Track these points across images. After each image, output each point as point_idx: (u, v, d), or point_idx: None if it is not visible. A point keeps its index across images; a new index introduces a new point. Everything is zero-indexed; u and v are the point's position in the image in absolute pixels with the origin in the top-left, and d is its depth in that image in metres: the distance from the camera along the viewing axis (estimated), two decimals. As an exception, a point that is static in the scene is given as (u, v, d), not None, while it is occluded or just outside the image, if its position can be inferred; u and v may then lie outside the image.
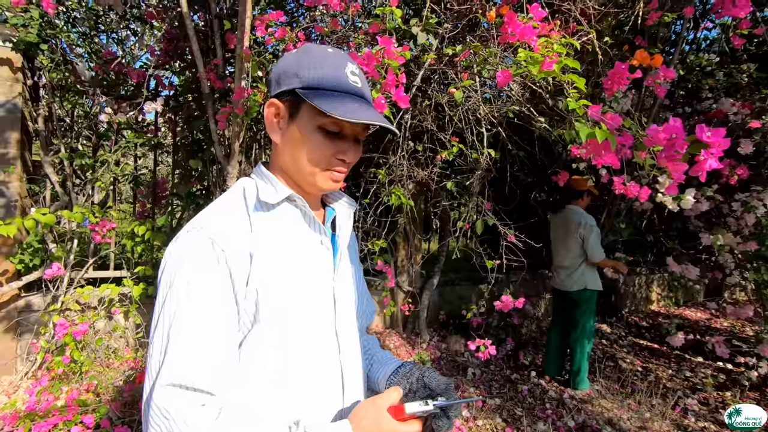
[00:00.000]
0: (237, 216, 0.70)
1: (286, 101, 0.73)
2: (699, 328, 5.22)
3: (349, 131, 0.73)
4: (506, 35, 1.63)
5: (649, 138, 1.28)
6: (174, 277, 0.64)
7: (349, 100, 0.70)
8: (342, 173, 0.75)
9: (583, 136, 1.28)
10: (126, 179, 3.28)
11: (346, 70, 0.72)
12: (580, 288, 3.11)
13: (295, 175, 0.76)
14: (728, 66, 3.71)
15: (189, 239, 0.66)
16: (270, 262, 0.69)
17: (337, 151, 0.72)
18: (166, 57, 3.30)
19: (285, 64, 0.74)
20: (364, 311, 0.91)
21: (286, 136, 0.74)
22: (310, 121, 0.70)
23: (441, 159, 2.56)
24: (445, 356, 3.76)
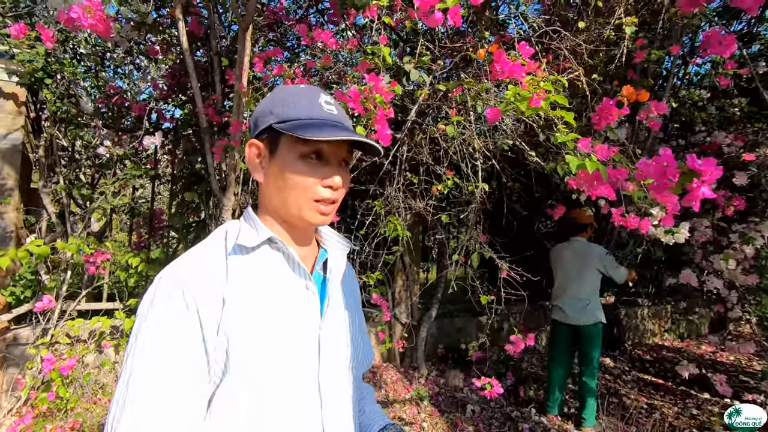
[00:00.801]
0: (213, 261, 0.69)
1: (265, 139, 0.73)
2: (704, 362, 5.08)
3: (332, 156, 0.72)
4: (495, 73, 1.67)
5: (639, 171, 1.28)
6: (141, 324, 0.63)
7: (326, 126, 0.69)
8: (330, 205, 0.73)
9: (574, 168, 1.28)
10: (123, 210, 3.29)
11: (320, 100, 0.73)
12: (594, 321, 3.05)
13: (283, 212, 0.74)
14: (720, 100, 3.79)
15: (160, 286, 0.65)
16: (243, 309, 0.66)
17: (322, 178, 0.71)
18: (170, 91, 3.39)
19: (261, 106, 0.75)
20: (361, 361, 0.86)
21: (269, 173, 0.73)
22: (289, 152, 0.70)
23: (436, 191, 2.58)
24: (443, 392, 3.65)
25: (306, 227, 0.77)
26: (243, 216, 0.79)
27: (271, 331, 0.68)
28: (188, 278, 0.64)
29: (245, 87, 2.16)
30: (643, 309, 5.75)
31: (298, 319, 0.72)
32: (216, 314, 0.64)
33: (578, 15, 2.76)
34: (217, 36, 2.70)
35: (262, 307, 0.68)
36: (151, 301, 0.64)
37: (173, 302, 0.62)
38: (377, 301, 2.83)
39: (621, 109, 1.49)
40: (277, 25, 3.15)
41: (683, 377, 4.43)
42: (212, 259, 0.69)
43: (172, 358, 0.60)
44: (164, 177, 3.69)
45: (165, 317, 0.62)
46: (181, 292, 0.63)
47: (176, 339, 0.61)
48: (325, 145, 0.70)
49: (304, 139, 0.68)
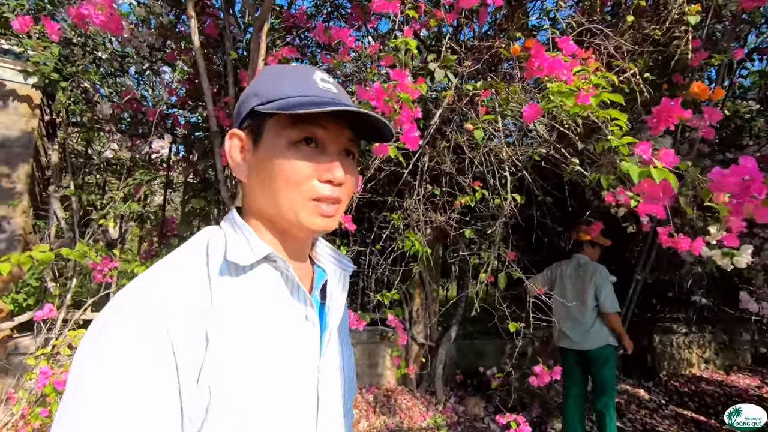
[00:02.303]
0: (193, 282, 0.51)
1: (248, 127, 0.58)
2: (749, 397, 4.64)
3: (330, 143, 0.56)
4: (533, 70, 1.47)
5: (714, 183, 1.06)
6: (88, 368, 0.43)
7: (317, 102, 0.53)
8: (333, 204, 0.57)
9: (636, 177, 1.06)
10: (132, 217, 3.19)
11: (314, 77, 0.58)
12: (601, 345, 2.76)
13: (274, 217, 0.57)
14: (769, 112, 3.50)
15: (120, 315, 0.45)
16: (232, 351, 0.49)
17: (317, 170, 0.55)
18: (187, 97, 3.32)
19: (245, 92, 0.60)
20: (350, 396, 0.70)
21: (253, 169, 0.57)
22: (276, 138, 0.55)
23: (460, 204, 2.37)
24: (462, 421, 3.38)
25: (304, 236, 0.61)
26: (226, 222, 0.60)
27: (264, 382, 0.51)
28: (162, 307, 0.46)
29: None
30: (679, 336, 5.34)
31: (296, 362, 0.55)
32: (197, 357, 0.47)
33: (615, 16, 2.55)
34: (231, 38, 2.60)
35: (255, 349, 0.51)
36: (104, 337, 0.44)
37: (140, 340, 0.44)
38: (393, 323, 2.62)
39: (686, 111, 1.27)
40: (295, 29, 3.04)
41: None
42: (192, 280, 0.51)
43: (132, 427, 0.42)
44: (177, 184, 3.60)
45: (126, 362, 0.43)
46: (151, 326, 0.45)
47: (141, 397, 0.43)
48: (320, 128, 0.55)
49: (294, 121, 0.54)
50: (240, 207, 0.64)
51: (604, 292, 2.73)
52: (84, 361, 0.44)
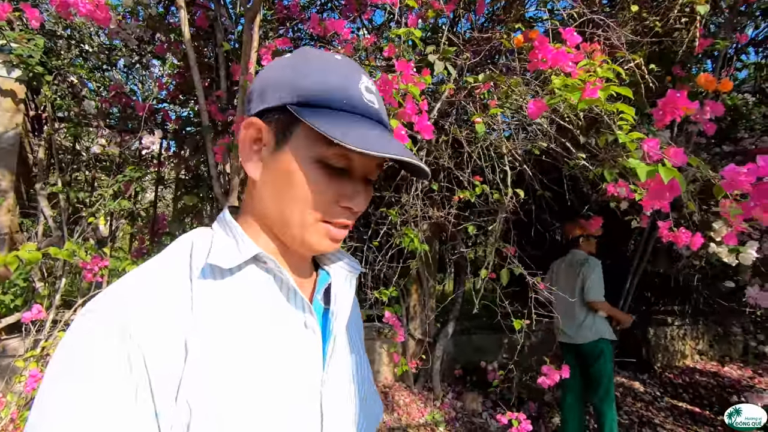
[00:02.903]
0: (171, 288, 0.46)
1: (272, 122, 0.51)
2: (742, 388, 4.70)
3: (359, 168, 0.52)
4: (536, 62, 1.43)
5: (727, 182, 1.02)
6: (54, 387, 0.39)
7: (365, 124, 0.49)
8: (344, 229, 0.53)
9: (643, 175, 1.03)
10: (123, 215, 3.11)
11: (360, 85, 0.51)
12: (594, 339, 2.73)
13: (277, 226, 0.53)
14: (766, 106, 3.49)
15: (88, 326, 0.41)
16: (214, 362, 0.44)
17: (340, 196, 0.51)
18: (178, 91, 3.23)
19: (274, 73, 0.52)
20: (371, 418, 0.62)
21: (268, 170, 0.52)
22: (306, 150, 0.49)
23: (458, 199, 2.33)
24: (460, 416, 3.37)
25: (304, 253, 0.56)
26: (217, 223, 0.55)
27: (254, 398, 0.45)
28: (133, 316, 0.42)
29: (252, 78, 1.96)
30: (672, 329, 5.38)
31: (294, 374, 0.50)
32: (175, 371, 0.42)
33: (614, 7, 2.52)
34: (223, 29, 2.52)
35: (242, 360, 0.46)
36: (71, 352, 0.41)
37: (108, 354, 0.40)
38: (390, 320, 2.58)
39: (693, 102, 1.24)
40: (288, 20, 2.97)
41: (723, 406, 4.08)
42: (170, 285, 0.46)
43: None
44: (168, 180, 3.52)
45: (93, 380, 0.39)
46: (120, 338, 0.40)
47: (108, 420, 0.38)
48: (357, 156, 0.50)
49: (330, 142, 0.47)
50: (234, 205, 0.58)
51: (589, 281, 2.70)
52: (50, 377, 0.40)
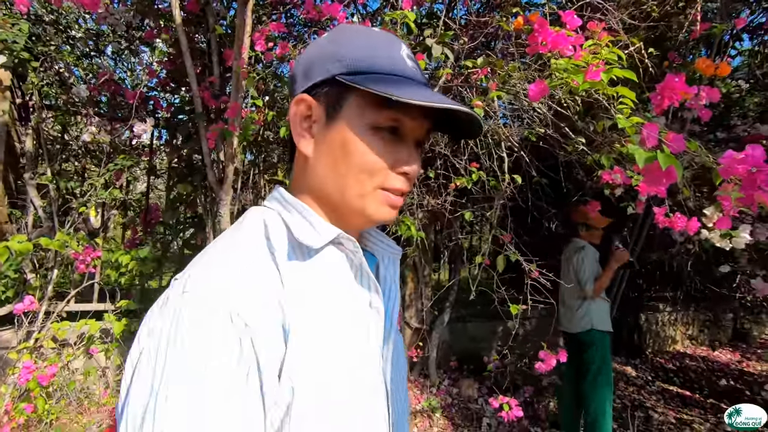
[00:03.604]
0: (262, 270, 0.47)
1: (321, 96, 0.52)
2: (731, 372, 4.80)
3: (410, 133, 0.53)
4: (536, 45, 1.41)
5: (724, 168, 1.02)
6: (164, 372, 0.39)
7: (413, 85, 0.50)
8: (402, 195, 0.54)
9: (641, 161, 1.03)
10: (115, 205, 3.07)
11: (402, 52, 0.53)
12: (585, 328, 2.72)
13: (335, 200, 0.53)
14: (759, 92, 3.51)
15: (192, 311, 0.41)
16: (310, 343, 0.46)
17: (396, 161, 0.52)
18: (169, 78, 3.16)
19: (316, 50, 0.54)
20: (406, 390, 0.66)
21: (322, 144, 0.52)
22: (359, 119, 0.50)
23: (455, 187, 2.32)
24: (456, 403, 3.41)
25: (364, 225, 0.57)
26: (275, 200, 0.55)
27: (344, 373, 0.49)
28: (238, 301, 0.42)
29: (245, 65, 1.92)
30: (663, 315, 5.46)
31: (367, 351, 0.53)
32: (279, 352, 0.44)
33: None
34: (215, 14, 2.47)
35: (332, 339, 0.49)
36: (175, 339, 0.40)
37: (222, 341, 0.40)
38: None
39: (691, 87, 1.23)
40: (282, 4, 2.91)
41: (712, 389, 4.16)
42: (260, 267, 0.47)
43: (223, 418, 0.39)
44: (161, 170, 3.47)
45: (209, 362, 0.39)
46: (230, 324, 0.41)
47: (227, 400, 0.39)
48: (408, 116, 0.50)
49: (382, 105, 0.49)
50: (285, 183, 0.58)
51: (580, 273, 2.69)
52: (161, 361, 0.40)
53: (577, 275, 2.69)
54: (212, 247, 0.49)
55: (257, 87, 2.20)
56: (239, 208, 3.04)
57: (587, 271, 2.66)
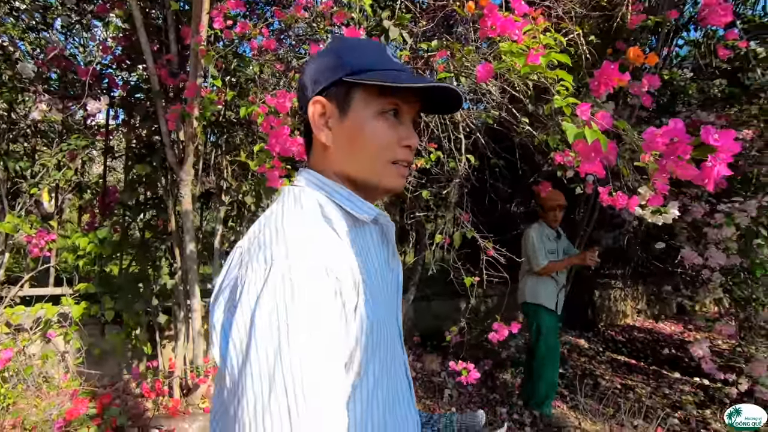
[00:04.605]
0: (333, 240, 0.60)
1: (332, 96, 0.64)
2: (673, 342, 5.21)
3: (407, 113, 0.66)
4: (486, 29, 1.48)
5: (646, 143, 1.13)
6: (288, 317, 0.50)
7: (403, 75, 0.63)
8: (408, 165, 0.68)
9: (571, 137, 1.13)
10: (69, 187, 2.97)
11: (387, 52, 0.67)
12: (521, 301, 2.99)
13: (358, 179, 0.66)
14: (701, 81, 3.74)
15: (301, 273, 0.52)
16: (371, 294, 0.60)
17: (400, 137, 0.65)
18: (124, 55, 3.04)
19: (319, 62, 0.67)
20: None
21: (339, 134, 0.65)
22: (366, 108, 0.63)
23: (416, 168, 2.39)
24: (420, 376, 3.56)
25: (380, 196, 0.72)
26: (317, 182, 0.66)
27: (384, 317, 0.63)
28: (328, 260, 0.55)
29: (203, 43, 1.90)
30: (615, 290, 5.82)
31: (392, 301, 0.70)
32: (353, 299, 0.57)
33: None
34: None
35: (379, 291, 0.64)
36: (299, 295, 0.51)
37: (326, 289, 0.53)
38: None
39: (624, 74, 1.34)
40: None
41: (655, 357, 4.52)
42: (333, 240, 0.60)
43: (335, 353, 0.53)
44: (118, 151, 3.37)
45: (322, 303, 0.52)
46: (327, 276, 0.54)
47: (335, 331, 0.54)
48: (402, 100, 0.64)
49: (383, 93, 0.63)
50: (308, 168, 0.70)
51: (527, 252, 2.87)
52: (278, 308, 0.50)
53: (526, 252, 2.88)
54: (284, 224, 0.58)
55: (217, 66, 2.17)
56: (201, 189, 3.00)
57: (530, 249, 2.84)
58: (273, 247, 0.54)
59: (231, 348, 0.51)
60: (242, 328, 0.51)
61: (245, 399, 0.48)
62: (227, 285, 0.56)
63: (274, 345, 0.48)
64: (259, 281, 0.51)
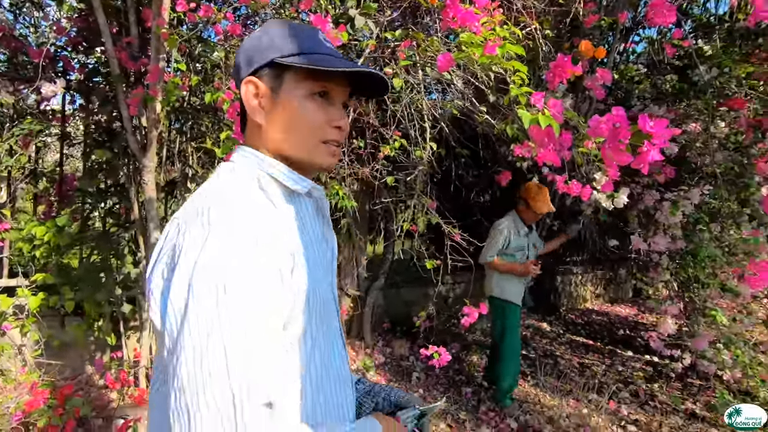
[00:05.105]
0: (269, 207, 0.64)
1: (264, 77, 0.67)
2: (628, 323, 5.53)
3: (337, 96, 0.70)
4: (448, 20, 1.53)
5: (591, 129, 1.22)
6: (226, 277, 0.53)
7: (333, 59, 0.67)
8: (339, 145, 0.71)
9: (526, 122, 1.20)
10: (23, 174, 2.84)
11: (319, 36, 0.70)
12: (488, 294, 2.94)
13: (292, 155, 0.69)
14: (654, 76, 3.95)
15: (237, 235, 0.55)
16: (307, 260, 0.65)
17: (330, 119, 0.68)
18: (80, 37, 2.91)
19: (253, 42, 0.69)
20: None
21: (272, 114, 0.68)
22: (296, 89, 0.66)
23: (383, 155, 2.44)
24: (389, 361, 3.64)
25: (313, 173, 0.74)
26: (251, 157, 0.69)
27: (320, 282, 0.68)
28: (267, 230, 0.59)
29: (166, 26, 1.86)
30: (576, 276, 6.11)
31: (326, 269, 0.73)
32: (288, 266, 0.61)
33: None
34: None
35: (314, 259, 0.68)
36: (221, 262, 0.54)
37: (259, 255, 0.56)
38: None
39: (576, 66, 1.43)
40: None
41: (611, 338, 4.80)
42: (267, 210, 0.64)
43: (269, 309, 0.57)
44: (76, 137, 3.24)
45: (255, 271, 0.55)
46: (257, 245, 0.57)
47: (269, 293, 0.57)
48: (333, 82, 0.67)
49: (313, 76, 0.65)
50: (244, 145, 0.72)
51: (488, 241, 2.81)
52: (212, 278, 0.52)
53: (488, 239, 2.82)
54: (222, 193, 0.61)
55: (180, 50, 2.13)
56: (166, 178, 2.94)
57: (491, 239, 2.79)
58: (210, 213, 0.56)
59: (170, 309, 0.53)
60: (181, 289, 0.53)
61: (184, 354, 0.50)
62: (165, 253, 0.58)
63: (211, 302, 0.51)
64: (197, 246, 0.54)
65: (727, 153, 3.25)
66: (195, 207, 0.59)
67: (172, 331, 0.53)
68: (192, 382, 0.49)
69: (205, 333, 0.50)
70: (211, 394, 0.49)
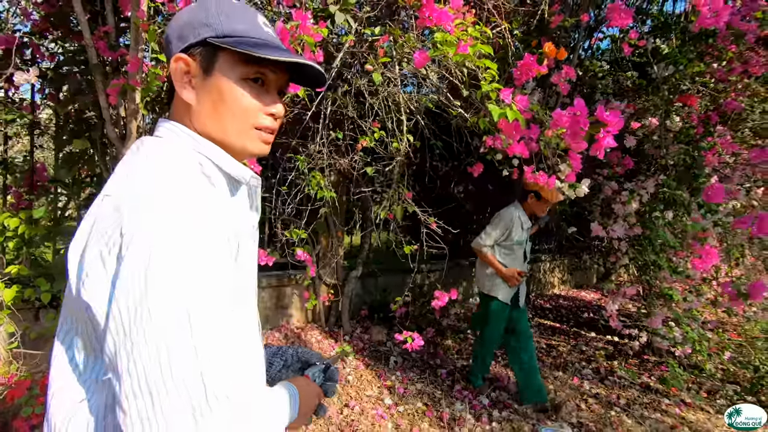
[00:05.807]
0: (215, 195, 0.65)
1: (196, 55, 0.64)
2: (592, 307, 5.85)
3: (273, 83, 0.68)
4: (423, 18, 1.63)
5: (554, 121, 1.35)
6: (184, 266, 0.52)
7: (270, 46, 0.64)
8: (272, 133, 0.70)
9: (496, 116, 1.32)
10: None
11: (258, 20, 0.67)
12: (479, 288, 2.95)
13: (221, 139, 0.66)
14: (616, 73, 4.17)
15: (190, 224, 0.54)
16: (245, 246, 0.68)
17: (264, 105, 0.67)
18: (47, 23, 2.83)
19: (188, 16, 0.65)
20: None
21: (202, 94, 0.65)
22: (230, 72, 0.63)
23: (362, 147, 2.53)
24: (367, 347, 3.76)
25: (243, 158, 0.72)
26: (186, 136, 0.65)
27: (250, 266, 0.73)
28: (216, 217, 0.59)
29: (145, 16, 1.88)
30: (545, 263, 6.39)
31: (255, 253, 0.78)
32: (233, 253, 0.64)
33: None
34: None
35: (248, 241, 0.71)
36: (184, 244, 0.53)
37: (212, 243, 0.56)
38: (302, 257, 2.77)
39: (541, 66, 1.55)
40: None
41: (576, 321, 5.09)
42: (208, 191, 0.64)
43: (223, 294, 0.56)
44: (47, 127, 3.16)
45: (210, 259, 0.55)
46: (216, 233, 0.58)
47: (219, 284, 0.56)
48: (269, 69, 0.65)
49: (248, 61, 0.63)
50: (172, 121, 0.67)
51: (487, 226, 2.80)
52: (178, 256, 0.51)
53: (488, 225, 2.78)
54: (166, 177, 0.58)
55: (159, 41, 2.14)
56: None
57: (491, 226, 2.77)
58: (159, 200, 0.54)
59: (122, 300, 0.50)
60: (135, 280, 0.49)
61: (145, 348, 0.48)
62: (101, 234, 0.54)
63: (170, 293, 0.49)
64: (150, 234, 0.51)
65: (680, 146, 3.50)
66: (136, 190, 0.55)
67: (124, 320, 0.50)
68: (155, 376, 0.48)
69: (171, 321, 0.49)
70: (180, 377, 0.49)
